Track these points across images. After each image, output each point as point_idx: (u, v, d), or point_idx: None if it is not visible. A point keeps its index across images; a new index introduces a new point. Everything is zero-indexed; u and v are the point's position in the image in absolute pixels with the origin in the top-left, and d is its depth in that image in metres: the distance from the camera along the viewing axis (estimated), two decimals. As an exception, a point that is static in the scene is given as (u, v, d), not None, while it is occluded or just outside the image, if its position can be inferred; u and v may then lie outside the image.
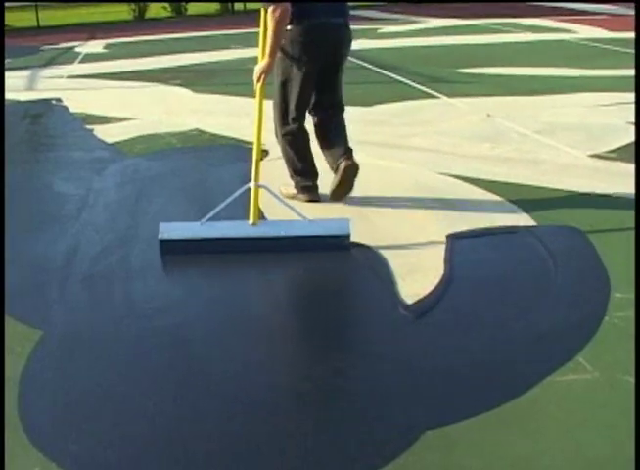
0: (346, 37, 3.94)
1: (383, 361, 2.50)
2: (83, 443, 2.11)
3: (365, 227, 3.68)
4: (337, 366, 2.49)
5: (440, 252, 3.36)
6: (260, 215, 3.60)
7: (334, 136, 4.01)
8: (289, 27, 3.73)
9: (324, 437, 2.12)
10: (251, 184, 3.52)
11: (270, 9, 3.62)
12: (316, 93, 3.97)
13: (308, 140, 4.04)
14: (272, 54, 3.71)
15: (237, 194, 3.52)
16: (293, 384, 2.41)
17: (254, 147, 3.61)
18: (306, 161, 4.05)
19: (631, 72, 7.18)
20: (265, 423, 2.18)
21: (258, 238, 3.43)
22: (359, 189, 3.94)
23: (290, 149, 4.03)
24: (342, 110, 4.10)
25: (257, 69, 3.78)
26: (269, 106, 3.92)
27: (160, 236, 3.45)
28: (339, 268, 3.41)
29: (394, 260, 3.29)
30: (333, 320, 2.92)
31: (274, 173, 4.22)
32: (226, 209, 3.48)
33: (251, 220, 3.45)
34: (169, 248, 3.43)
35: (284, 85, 3.89)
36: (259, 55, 3.82)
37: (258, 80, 3.76)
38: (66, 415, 2.25)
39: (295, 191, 4.11)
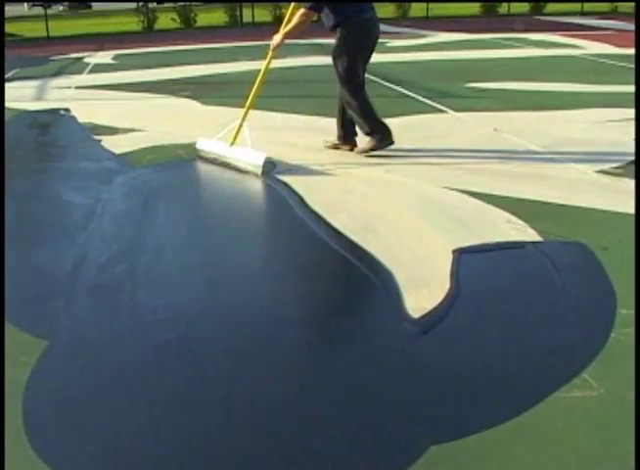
0: (379, 26, 5.34)
1: (387, 375, 2.50)
2: (87, 452, 2.11)
3: (372, 240, 3.69)
4: (340, 378, 2.49)
5: (447, 266, 3.37)
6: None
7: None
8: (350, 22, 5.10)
9: (326, 448, 2.11)
10: (237, 122, 5.30)
11: (302, 10, 5.00)
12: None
13: (366, 97, 5.31)
14: (286, 35, 5.12)
15: (230, 128, 5.37)
16: (295, 395, 2.41)
17: (250, 98, 5.29)
18: (371, 113, 5.33)
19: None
20: (267, 434, 2.19)
21: (226, 155, 5.30)
22: (367, 201, 3.93)
23: (352, 104, 5.27)
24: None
25: (275, 39, 5.17)
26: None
27: (197, 146, 5.59)
28: (344, 278, 3.43)
29: (401, 274, 3.29)
30: (338, 332, 2.92)
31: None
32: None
33: (229, 144, 5.32)
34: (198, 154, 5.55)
35: (343, 61, 5.18)
36: (281, 29, 5.15)
37: (273, 48, 5.17)
38: (70, 425, 2.26)
39: (368, 146, 5.43)
